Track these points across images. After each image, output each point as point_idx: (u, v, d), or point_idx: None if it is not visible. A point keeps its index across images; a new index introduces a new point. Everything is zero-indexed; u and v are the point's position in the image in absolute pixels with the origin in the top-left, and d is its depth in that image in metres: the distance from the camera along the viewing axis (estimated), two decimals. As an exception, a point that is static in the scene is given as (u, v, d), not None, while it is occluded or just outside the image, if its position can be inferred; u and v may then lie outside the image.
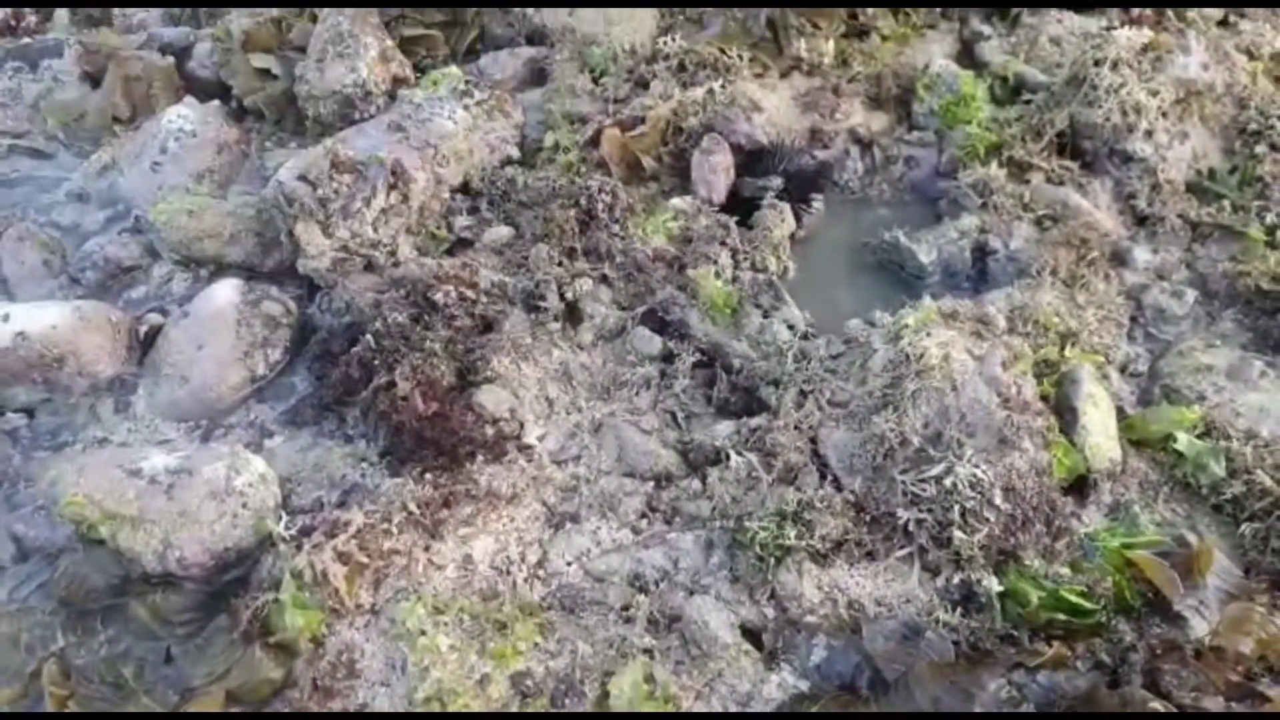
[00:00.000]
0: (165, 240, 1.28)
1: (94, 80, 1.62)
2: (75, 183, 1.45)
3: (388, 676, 0.81)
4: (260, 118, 1.57)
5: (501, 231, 1.32)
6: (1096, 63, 1.36)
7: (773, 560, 0.89)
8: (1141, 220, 1.33)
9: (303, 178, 1.28)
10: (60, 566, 0.87)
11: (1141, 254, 1.29)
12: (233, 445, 1.02)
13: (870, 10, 1.62)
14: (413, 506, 0.91)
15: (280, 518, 0.90)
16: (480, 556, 0.90)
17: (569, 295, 1.19)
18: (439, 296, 1.15)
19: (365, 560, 0.85)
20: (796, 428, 0.99)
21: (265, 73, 1.58)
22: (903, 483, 0.92)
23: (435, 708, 0.77)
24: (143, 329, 1.18)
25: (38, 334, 1.08)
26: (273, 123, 1.57)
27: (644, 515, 0.98)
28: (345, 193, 1.25)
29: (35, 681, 0.79)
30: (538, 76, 1.58)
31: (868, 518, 0.93)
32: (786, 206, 1.33)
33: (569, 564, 0.92)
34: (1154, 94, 1.34)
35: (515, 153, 1.43)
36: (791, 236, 1.33)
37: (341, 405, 1.07)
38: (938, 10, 1.66)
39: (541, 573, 0.91)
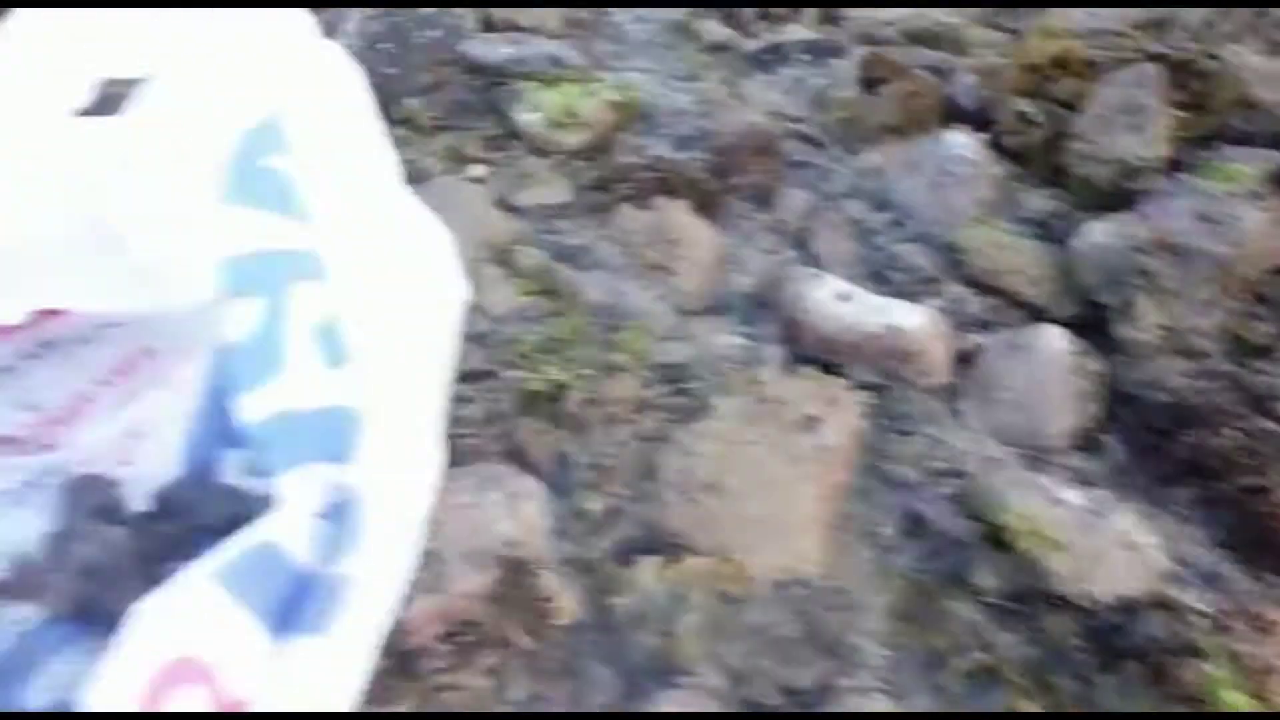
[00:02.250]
0: (970, 265, 1.40)
1: (868, 85, 1.82)
2: (845, 178, 1.63)
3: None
4: (1015, 159, 1.66)
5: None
6: None
7: None
8: None
9: (1133, 248, 1.35)
10: (961, 557, 1.01)
11: None
12: (1057, 483, 1.11)
13: None
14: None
15: (1178, 582, 0.97)
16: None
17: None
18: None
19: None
20: None
21: (1022, 116, 1.66)
22: None
23: None
24: (962, 346, 1.32)
25: (908, 330, 1.25)
26: (1026, 167, 1.65)
27: None
28: (1169, 274, 1.29)
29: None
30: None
31: None
32: None
33: None
34: None
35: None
36: None
37: (1171, 483, 1.12)
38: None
39: None
